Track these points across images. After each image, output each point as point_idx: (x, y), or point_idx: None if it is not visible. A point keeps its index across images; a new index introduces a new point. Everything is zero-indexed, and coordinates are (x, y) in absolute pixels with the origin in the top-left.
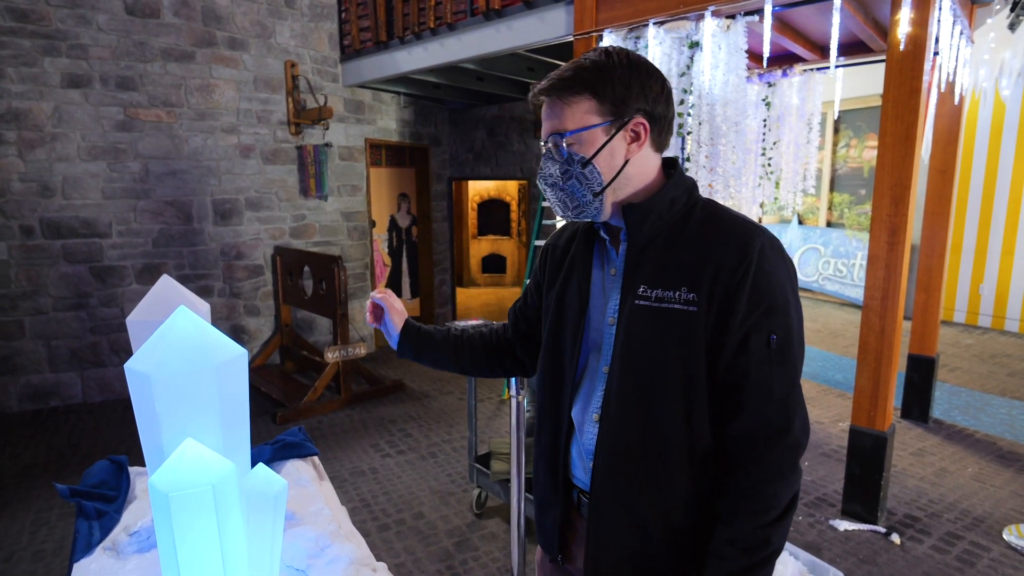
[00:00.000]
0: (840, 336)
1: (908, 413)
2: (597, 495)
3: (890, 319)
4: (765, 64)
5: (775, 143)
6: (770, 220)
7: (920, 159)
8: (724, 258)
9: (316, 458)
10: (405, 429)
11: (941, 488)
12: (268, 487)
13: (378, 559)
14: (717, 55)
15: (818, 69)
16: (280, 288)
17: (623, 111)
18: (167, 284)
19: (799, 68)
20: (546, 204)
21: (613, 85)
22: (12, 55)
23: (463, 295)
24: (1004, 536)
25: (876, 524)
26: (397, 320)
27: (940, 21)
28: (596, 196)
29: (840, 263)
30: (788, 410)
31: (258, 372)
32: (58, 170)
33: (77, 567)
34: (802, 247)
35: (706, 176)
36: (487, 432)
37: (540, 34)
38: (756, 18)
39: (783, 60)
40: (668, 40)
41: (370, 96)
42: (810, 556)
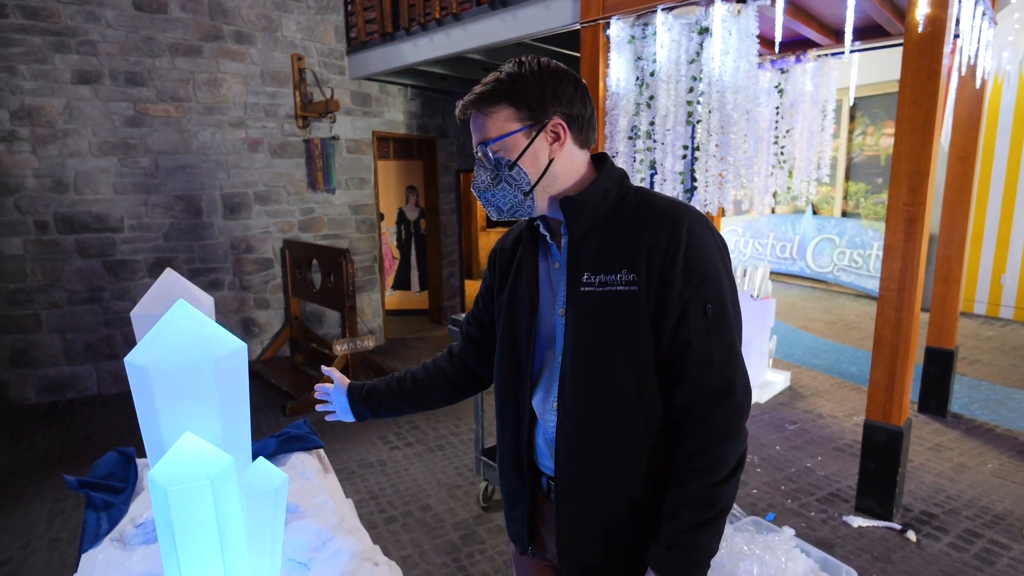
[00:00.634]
0: (855, 328)
1: (925, 407)
2: (562, 479)
3: (906, 311)
4: (777, 50)
5: (788, 131)
6: (784, 210)
7: (939, 146)
8: (656, 239)
9: (321, 451)
10: (413, 421)
11: (959, 484)
12: (268, 481)
13: (385, 551)
14: (727, 41)
15: (833, 54)
16: (289, 281)
17: (540, 115)
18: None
19: (813, 53)
20: None
21: (527, 92)
22: (24, 52)
23: (472, 287)
24: None
25: (891, 521)
26: (343, 390)
27: (961, 1)
28: (527, 195)
29: (855, 254)
30: (728, 374)
31: (268, 364)
32: (70, 166)
33: (85, 558)
34: (816, 237)
35: (716, 165)
36: (494, 425)
37: (546, 23)
38: (768, 2)
39: (796, 46)
40: (677, 26)
41: (377, 88)
42: (822, 553)
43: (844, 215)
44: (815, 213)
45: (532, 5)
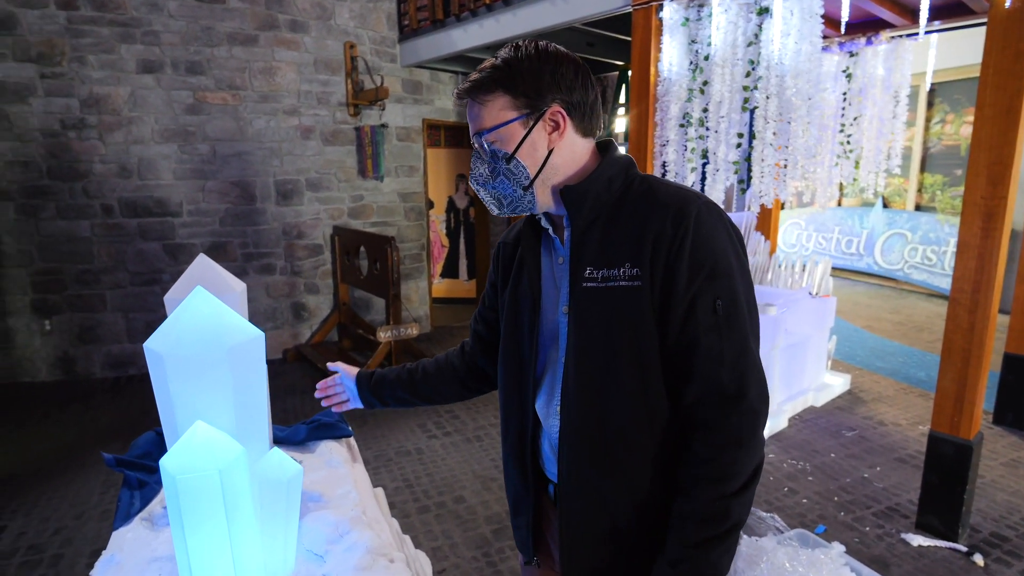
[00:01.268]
0: (925, 330)
1: (1001, 419)
2: (565, 483)
3: (981, 314)
4: (843, 30)
5: (855, 119)
6: (851, 203)
7: None
8: (660, 228)
9: (351, 439)
10: (453, 411)
11: None
12: (281, 472)
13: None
14: (789, 21)
15: (908, 35)
16: (338, 267)
17: (538, 103)
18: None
19: (886, 35)
20: None
21: (523, 78)
22: (93, 43)
23: None
24: None
25: (956, 542)
26: (350, 380)
27: None
28: (526, 190)
29: (929, 250)
30: (741, 375)
31: (316, 348)
32: (134, 152)
33: (115, 535)
34: (886, 232)
35: (773, 155)
36: None
37: (597, 6)
38: None
39: (867, 26)
40: (734, 7)
41: (428, 76)
42: (875, 573)
43: (918, 209)
44: (885, 206)
45: None
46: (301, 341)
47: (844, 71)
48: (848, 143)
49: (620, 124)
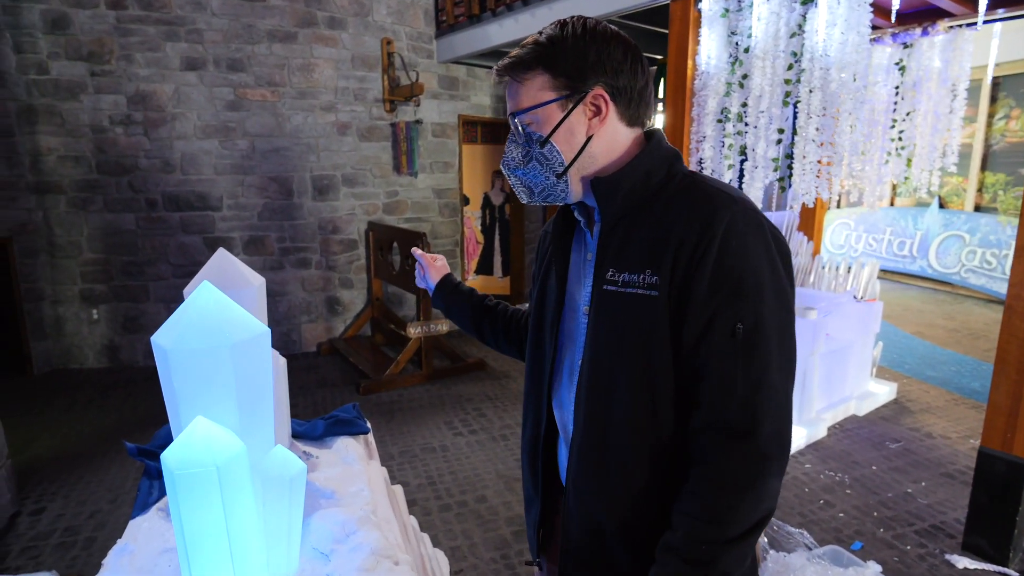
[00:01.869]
0: (982, 338)
1: None
2: (569, 492)
3: None
4: (893, 19)
5: (908, 114)
6: (904, 203)
7: None
8: (685, 233)
9: (368, 436)
10: (480, 409)
11: None
12: (284, 470)
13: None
14: (835, 11)
15: (968, 25)
16: (372, 262)
17: (579, 84)
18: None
19: (944, 24)
20: None
21: (566, 57)
22: (140, 41)
23: None
24: None
25: (1006, 566)
26: (436, 275)
27: None
28: (560, 178)
29: (989, 253)
30: (753, 411)
31: (349, 342)
32: (177, 147)
33: (131, 524)
34: (942, 234)
35: (816, 151)
36: None
37: None
38: None
39: (923, 16)
40: None
41: (464, 72)
42: None
43: (977, 209)
44: (942, 206)
45: None
46: (335, 335)
47: (897, 64)
48: (900, 140)
49: (657, 120)
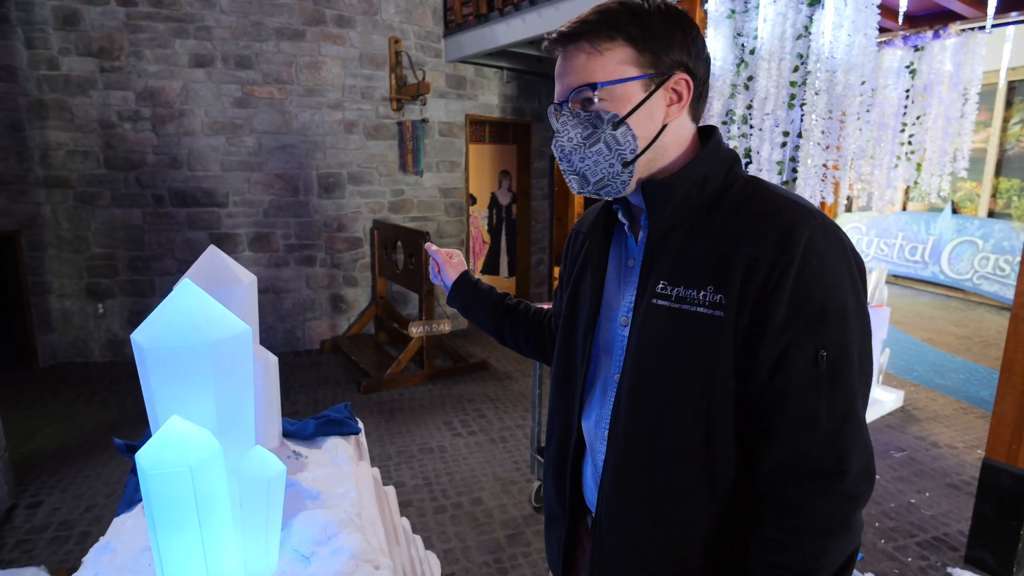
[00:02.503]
0: (993, 345)
1: None
2: (602, 523)
3: None
4: (901, 20)
5: (919, 118)
6: (917, 207)
7: None
8: (760, 250)
9: (359, 437)
10: (480, 409)
11: None
12: (262, 471)
13: (427, 542)
14: (842, 12)
15: (980, 28)
16: (376, 261)
17: (664, 64)
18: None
19: (955, 27)
20: None
21: (654, 32)
22: (149, 38)
23: None
24: None
25: None
26: (452, 272)
27: None
28: (626, 167)
29: (1002, 260)
30: (840, 448)
31: (352, 340)
32: (184, 144)
33: (116, 521)
34: (955, 240)
35: (821, 154)
36: None
37: None
38: None
39: (935, 18)
40: None
41: (472, 71)
42: None
43: (991, 215)
44: (955, 212)
45: None
46: (339, 332)
47: (908, 67)
48: (910, 144)
49: None
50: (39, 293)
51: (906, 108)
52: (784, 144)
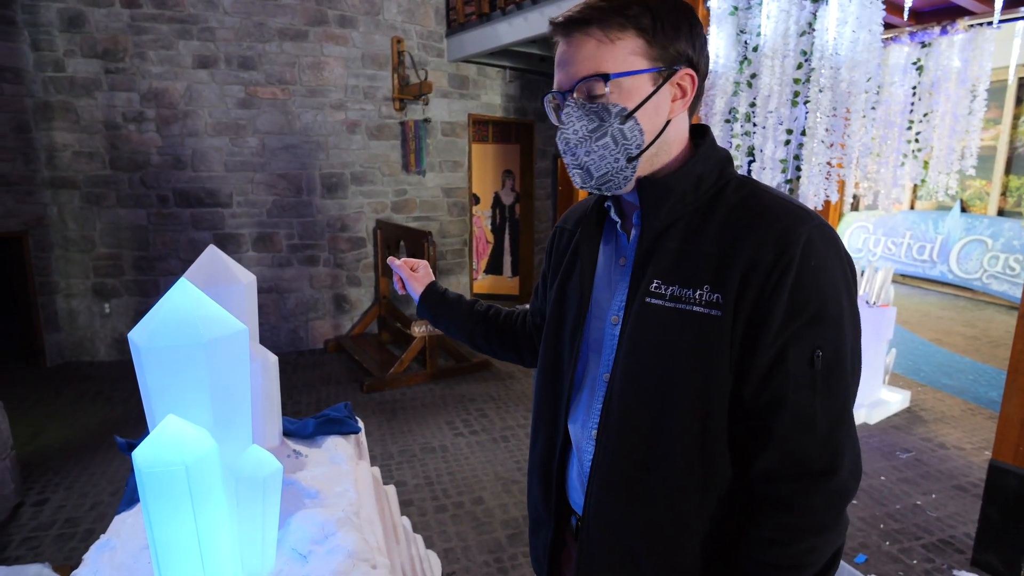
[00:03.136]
0: (1002, 346)
1: None
2: (590, 525)
3: None
4: (906, 16)
5: (926, 115)
6: (925, 206)
7: None
8: (759, 252)
9: (359, 436)
10: (483, 409)
11: None
12: (257, 470)
13: (428, 542)
14: (846, 8)
15: (988, 24)
16: (380, 260)
17: (671, 58)
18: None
19: (963, 23)
20: None
21: (663, 24)
22: (153, 39)
23: None
24: None
25: None
26: (417, 285)
27: None
28: (631, 162)
29: (1012, 259)
30: (835, 447)
31: (356, 340)
32: (188, 144)
33: (116, 520)
34: (964, 239)
35: (825, 152)
36: None
37: None
38: None
39: (942, 14)
40: None
41: (475, 71)
42: None
43: (1001, 214)
44: (964, 210)
45: None
46: (342, 332)
47: (914, 63)
48: (916, 141)
49: None
50: (46, 293)
51: (913, 105)
52: (788, 142)
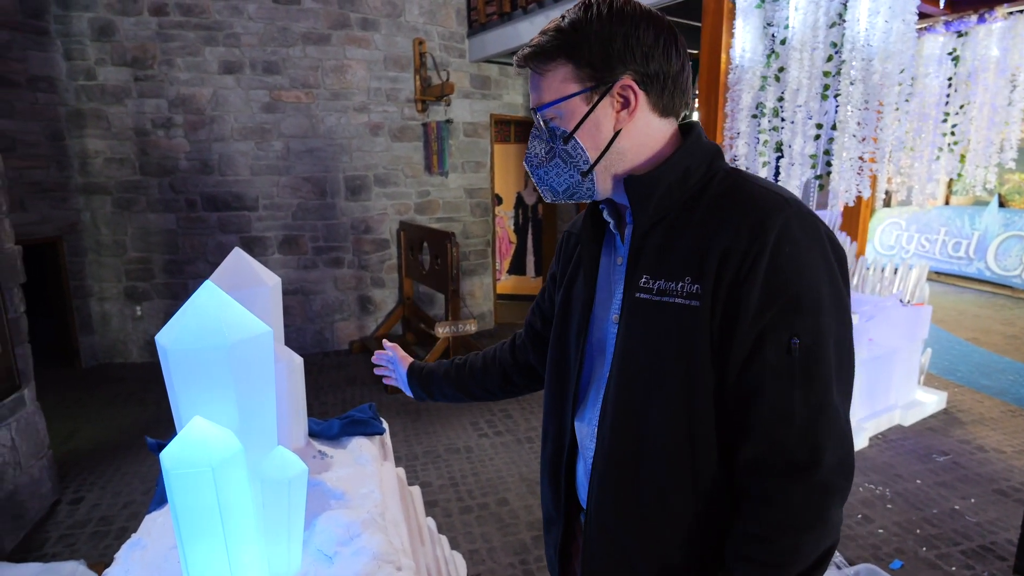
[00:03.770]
0: None
1: None
2: (592, 522)
3: None
4: (942, 4)
5: (962, 107)
6: (960, 201)
7: None
8: (733, 239)
9: (384, 437)
10: (507, 410)
11: None
12: (283, 471)
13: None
14: None
15: None
16: (403, 262)
17: (606, 74)
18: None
19: (1002, 11)
20: None
21: (590, 43)
22: (180, 46)
23: None
24: None
25: None
26: (403, 368)
27: None
28: (585, 176)
29: None
30: (814, 439)
31: (380, 342)
32: (215, 149)
33: (147, 519)
34: (1002, 234)
35: (857, 147)
36: None
37: None
38: None
39: (979, 2)
40: None
41: (496, 71)
42: None
43: None
44: (1002, 205)
45: None
46: (367, 333)
47: (950, 53)
48: (952, 134)
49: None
50: (80, 296)
51: (948, 97)
52: (818, 137)
